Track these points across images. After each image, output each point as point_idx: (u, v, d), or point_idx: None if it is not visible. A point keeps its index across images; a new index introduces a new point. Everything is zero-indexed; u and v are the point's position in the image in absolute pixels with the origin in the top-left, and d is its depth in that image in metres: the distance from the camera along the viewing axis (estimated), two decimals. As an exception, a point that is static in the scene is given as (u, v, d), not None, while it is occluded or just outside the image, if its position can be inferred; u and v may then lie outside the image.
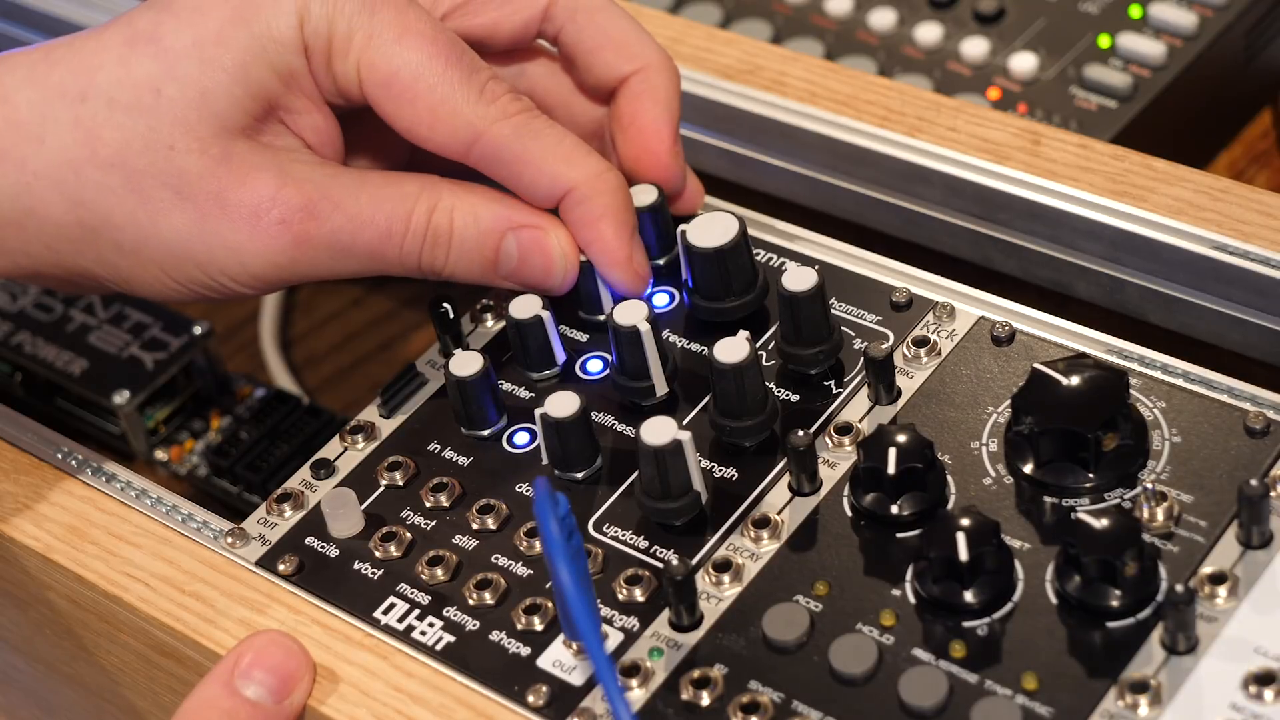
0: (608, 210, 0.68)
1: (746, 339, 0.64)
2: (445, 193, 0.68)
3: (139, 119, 0.66)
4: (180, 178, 0.66)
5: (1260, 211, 0.70)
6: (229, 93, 0.66)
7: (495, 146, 0.67)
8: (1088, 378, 0.62)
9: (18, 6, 0.96)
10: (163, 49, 0.67)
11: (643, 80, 0.71)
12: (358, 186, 0.67)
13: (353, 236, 0.67)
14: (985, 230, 0.75)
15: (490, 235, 0.68)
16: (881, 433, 0.62)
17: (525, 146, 0.67)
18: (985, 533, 0.59)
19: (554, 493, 0.56)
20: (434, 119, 0.67)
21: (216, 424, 0.86)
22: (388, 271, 0.68)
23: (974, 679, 0.58)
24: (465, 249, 0.68)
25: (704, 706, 0.59)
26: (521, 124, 0.68)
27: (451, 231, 0.67)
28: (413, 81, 0.67)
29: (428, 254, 0.68)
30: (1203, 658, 0.57)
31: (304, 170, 0.67)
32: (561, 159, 0.68)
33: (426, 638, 0.63)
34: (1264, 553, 0.60)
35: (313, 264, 0.67)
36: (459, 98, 0.67)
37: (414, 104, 0.67)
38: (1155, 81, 0.86)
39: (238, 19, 0.67)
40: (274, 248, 0.66)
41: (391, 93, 0.67)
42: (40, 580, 0.70)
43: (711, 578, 0.62)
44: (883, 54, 0.90)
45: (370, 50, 0.67)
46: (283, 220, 0.66)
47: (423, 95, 0.67)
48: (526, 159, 0.67)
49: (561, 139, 0.68)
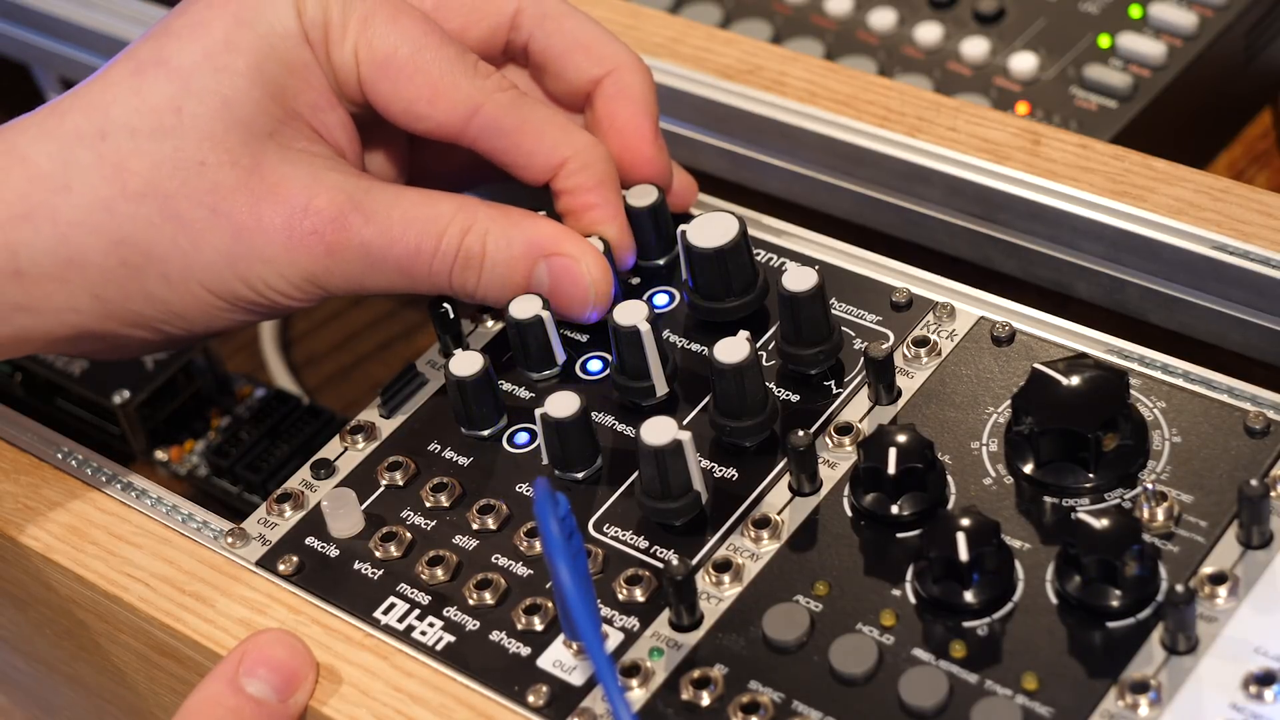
0: (605, 177, 0.69)
1: (746, 339, 0.64)
2: (481, 215, 0.68)
3: (164, 142, 0.66)
4: (215, 193, 0.66)
5: (1260, 211, 0.70)
6: (249, 96, 0.66)
7: (495, 117, 0.68)
8: (1088, 378, 0.62)
9: (18, 6, 0.96)
10: (173, 69, 0.66)
11: (615, 82, 0.71)
12: (392, 201, 0.67)
13: (383, 251, 0.67)
14: (985, 230, 0.75)
15: (522, 261, 0.68)
16: (881, 433, 0.62)
17: (524, 115, 0.68)
18: (985, 533, 0.59)
19: (554, 493, 0.56)
20: (434, 93, 0.68)
21: (216, 424, 0.86)
22: (419, 289, 0.68)
23: (974, 679, 0.58)
24: (496, 273, 0.68)
25: (704, 706, 0.59)
26: (517, 95, 0.69)
27: (484, 255, 0.68)
28: (412, 56, 0.67)
29: (459, 275, 0.68)
30: (1203, 658, 0.57)
31: (337, 179, 0.67)
32: (559, 128, 0.69)
33: (426, 638, 0.63)
34: (1264, 553, 0.60)
35: (346, 275, 0.67)
36: (458, 71, 0.68)
37: (413, 79, 0.68)
38: (1155, 81, 0.86)
39: (240, 23, 0.67)
40: (308, 257, 0.66)
41: (390, 71, 0.68)
42: (40, 580, 0.70)
43: (711, 578, 0.62)
44: (883, 54, 0.90)
45: (367, 31, 0.67)
46: (315, 230, 0.66)
47: (422, 70, 0.67)
48: (525, 129, 0.68)
49: (555, 112, 0.70)
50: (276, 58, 0.67)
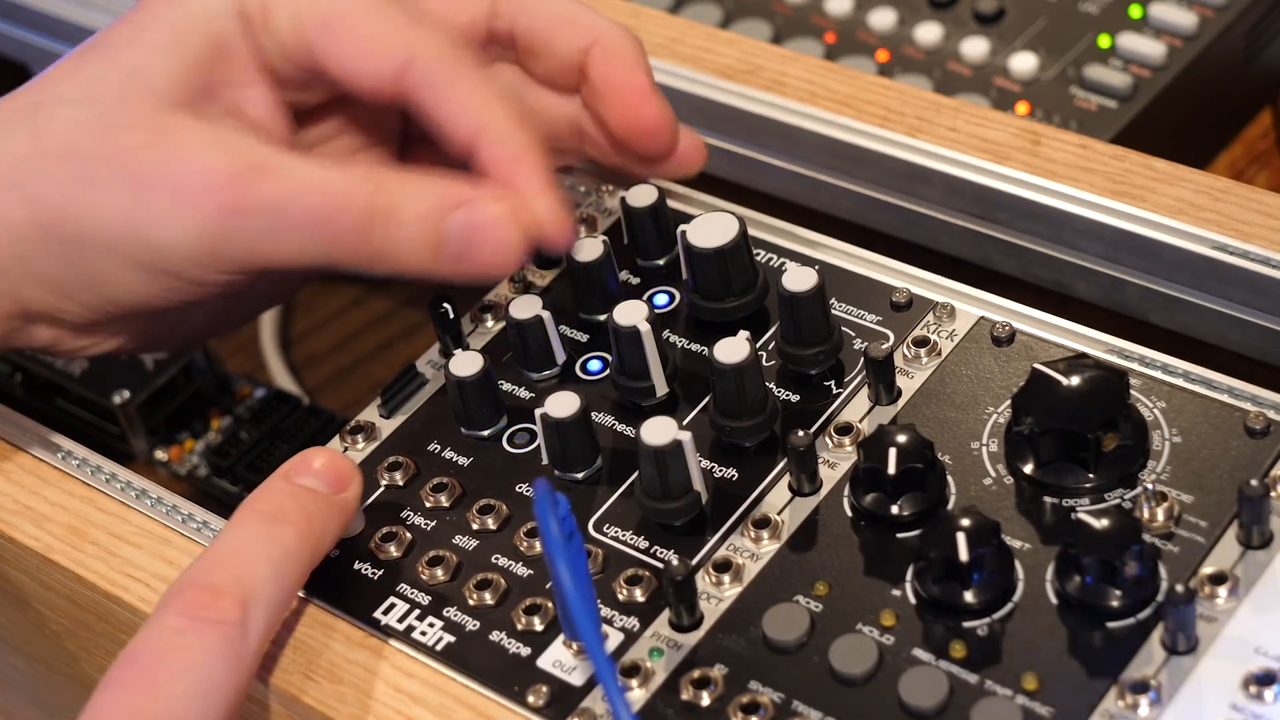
0: (530, 146, 0.66)
1: (746, 339, 0.64)
2: (392, 174, 0.66)
3: (86, 108, 0.67)
4: (123, 154, 0.66)
5: (1260, 211, 0.70)
6: (161, 65, 0.67)
7: (428, 68, 0.66)
8: (1088, 378, 0.62)
9: (18, 6, 0.96)
10: (107, 46, 0.68)
11: (603, 47, 0.70)
12: (297, 162, 0.66)
13: (284, 207, 0.64)
14: (985, 230, 0.75)
15: (436, 212, 0.65)
16: (881, 433, 0.62)
17: (460, 72, 0.67)
18: (985, 533, 0.59)
19: (554, 493, 0.56)
20: (370, 46, 0.67)
21: (216, 424, 0.86)
22: (329, 257, 0.66)
23: (974, 679, 0.58)
24: (406, 229, 0.65)
25: (704, 706, 0.59)
26: (459, 48, 0.67)
27: (392, 210, 0.65)
28: (349, 11, 0.67)
29: (364, 234, 0.65)
30: (1203, 658, 0.57)
31: (240, 141, 0.66)
32: (490, 93, 0.67)
33: (426, 638, 0.63)
34: (1264, 553, 0.60)
35: (246, 240, 0.65)
36: (396, 21, 0.67)
37: (351, 34, 0.67)
38: (1155, 81, 0.86)
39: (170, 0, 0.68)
40: (202, 217, 0.65)
41: (329, 29, 0.67)
42: (40, 580, 0.70)
43: (711, 578, 0.62)
44: (883, 54, 0.90)
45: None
46: (210, 186, 0.65)
47: (359, 25, 0.67)
48: (455, 85, 0.66)
49: (494, 79, 0.68)
50: (197, 31, 0.67)
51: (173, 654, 0.58)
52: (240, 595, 0.59)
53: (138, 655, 0.58)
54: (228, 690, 0.58)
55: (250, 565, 0.60)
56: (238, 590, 0.59)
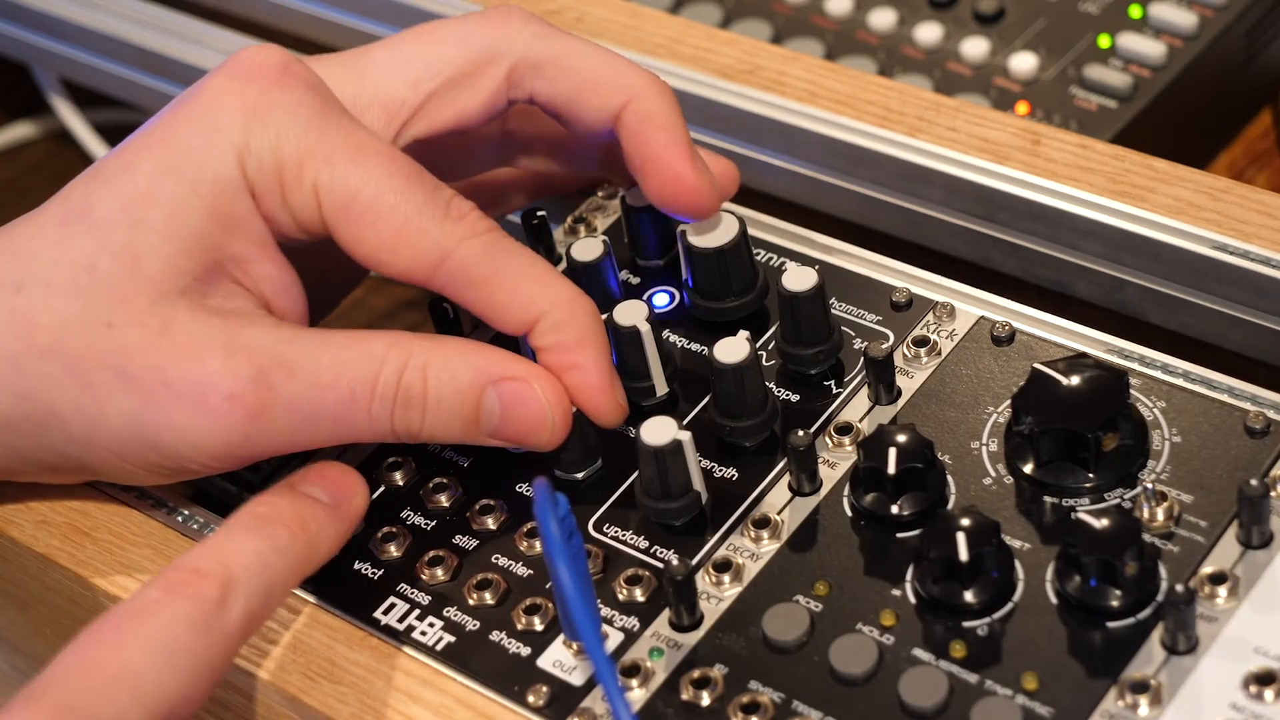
0: (586, 335, 0.64)
1: (746, 339, 0.64)
2: (416, 349, 0.63)
3: (74, 300, 0.62)
4: (121, 356, 0.62)
5: (1260, 211, 0.70)
6: (161, 253, 0.62)
7: (465, 265, 0.63)
8: (1088, 378, 0.62)
9: (18, 6, 0.96)
10: (94, 221, 0.63)
11: (634, 112, 0.67)
12: (318, 349, 0.62)
13: (314, 404, 0.62)
14: (985, 230, 0.75)
15: (470, 391, 0.63)
16: (881, 433, 0.62)
17: (497, 265, 0.63)
18: (985, 533, 0.59)
19: (554, 493, 0.56)
20: (397, 240, 0.63)
21: (216, 424, 0.86)
22: (359, 439, 0.63)
23: (974, 679, 0.58)
24: (442, 409, 0.63)
25: (704, 706, 0.59)
26: (492, 241, 0.63)
27: (425, 391, 0.63)
28: (374, 201, 0.63)
29: (400, 417, 0.63)
30: (1203, 658, 0.57)
31: (255, 336, 0.62)
32: (535, 279, 0.64)
33: (426, 638, 0.63)
34: (1264, 553, 0.60)
35: (273, 438, 0.62)
36: (425, 215, 0.63)
37: (375, 226, 0.63)
38: (1155, 81, 0.86)
39: (165, 168, 0.63)
40: (226, 426, 0.62)
41: (351, 216, 0.63)
42: (40, 580, 0.70)
43: (711, 578, 0.62)
44: (883, 54, 0.90)
45: (326, 172, 0.63)
46: (232, 395, 0.61)
47: (385, 215, 0.63)
48: (498, 278, 0.63)
49: (534, 260, 0.64)
50: (199, 208, 0.62)
51: (143, 616, 0.57)
52: (222, 577, 0.58)
53: (109, 615, 0.57)
54: (192, 657, 0.57)
55: (236, 554, 0.60)
56: (220, 573, 0.58)
